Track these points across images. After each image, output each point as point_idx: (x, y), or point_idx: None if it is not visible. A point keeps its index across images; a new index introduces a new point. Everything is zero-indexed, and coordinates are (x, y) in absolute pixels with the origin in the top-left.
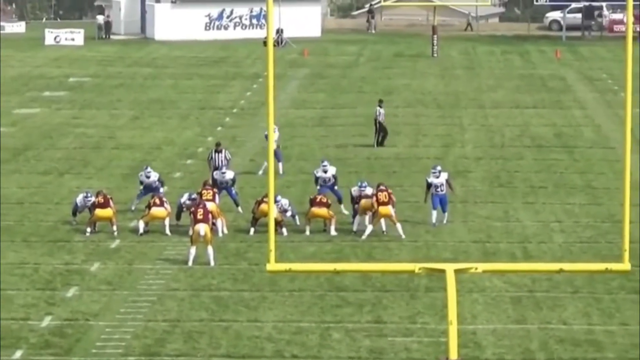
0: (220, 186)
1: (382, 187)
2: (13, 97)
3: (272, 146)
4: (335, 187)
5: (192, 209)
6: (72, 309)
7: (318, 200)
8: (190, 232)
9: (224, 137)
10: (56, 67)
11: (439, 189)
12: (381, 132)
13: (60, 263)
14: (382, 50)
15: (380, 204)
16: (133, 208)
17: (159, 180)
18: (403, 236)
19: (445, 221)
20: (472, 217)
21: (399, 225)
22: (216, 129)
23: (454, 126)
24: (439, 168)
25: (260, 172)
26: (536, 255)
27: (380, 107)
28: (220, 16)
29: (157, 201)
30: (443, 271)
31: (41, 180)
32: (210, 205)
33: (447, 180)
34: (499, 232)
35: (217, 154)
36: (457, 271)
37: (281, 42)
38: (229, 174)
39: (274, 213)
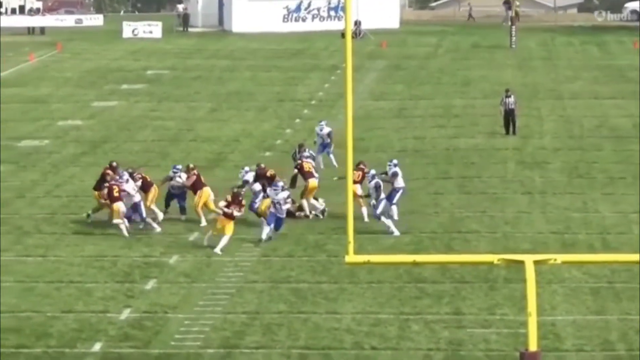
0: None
1: (361, 166)
2: (91, 90)
3: (351, 138)
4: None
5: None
6: (151, 301)
7: None
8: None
9: (302, 129)
10: (134, 60)
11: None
12: (512, 120)
13: (139, 256)
14: (460, 42)
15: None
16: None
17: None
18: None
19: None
20: (551, 208)
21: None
22: (294, 121)
23: (532, 117)
24: (394, 161)
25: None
26: (615, 246)
27: (508, 96)
28: (298, 8)
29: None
30: (522, 262)
31: None
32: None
33: (384, 174)
34: (578, 223)
35: (300, 155)
36: (536, 262)
37: (359, 34)
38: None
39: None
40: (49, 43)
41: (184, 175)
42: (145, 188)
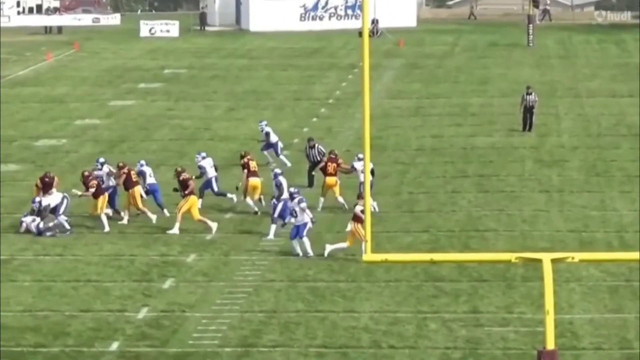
0: None
1: (332, 156)
2: (108, 89)
3: (368, 137)
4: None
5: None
6: (169, 300)
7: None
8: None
9: (319, 127)
10: (151, 59)
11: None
12: (530, 117)
13: (157, 254)
14: (478, 40)
15: (328, 174)
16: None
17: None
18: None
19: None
20: (569, 206)
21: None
22: (311, 120)
23: (550, 115)
24: (359, 155)
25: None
26: (633, 244)
27: (529, 93)
28: (315, 7)
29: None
30: (540, 261)
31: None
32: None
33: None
34: (596, 221)
35: (311, 150)
36: (553, 261)
37: (376, 33)
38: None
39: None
40: (66, 42)
41: (105, 169)
42: (96, 194)
